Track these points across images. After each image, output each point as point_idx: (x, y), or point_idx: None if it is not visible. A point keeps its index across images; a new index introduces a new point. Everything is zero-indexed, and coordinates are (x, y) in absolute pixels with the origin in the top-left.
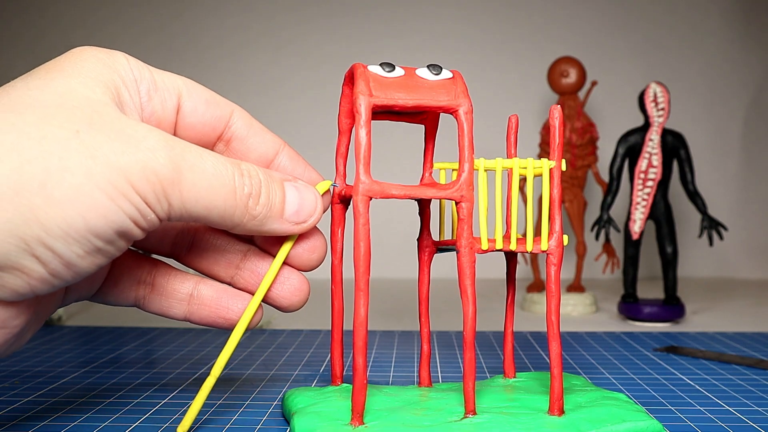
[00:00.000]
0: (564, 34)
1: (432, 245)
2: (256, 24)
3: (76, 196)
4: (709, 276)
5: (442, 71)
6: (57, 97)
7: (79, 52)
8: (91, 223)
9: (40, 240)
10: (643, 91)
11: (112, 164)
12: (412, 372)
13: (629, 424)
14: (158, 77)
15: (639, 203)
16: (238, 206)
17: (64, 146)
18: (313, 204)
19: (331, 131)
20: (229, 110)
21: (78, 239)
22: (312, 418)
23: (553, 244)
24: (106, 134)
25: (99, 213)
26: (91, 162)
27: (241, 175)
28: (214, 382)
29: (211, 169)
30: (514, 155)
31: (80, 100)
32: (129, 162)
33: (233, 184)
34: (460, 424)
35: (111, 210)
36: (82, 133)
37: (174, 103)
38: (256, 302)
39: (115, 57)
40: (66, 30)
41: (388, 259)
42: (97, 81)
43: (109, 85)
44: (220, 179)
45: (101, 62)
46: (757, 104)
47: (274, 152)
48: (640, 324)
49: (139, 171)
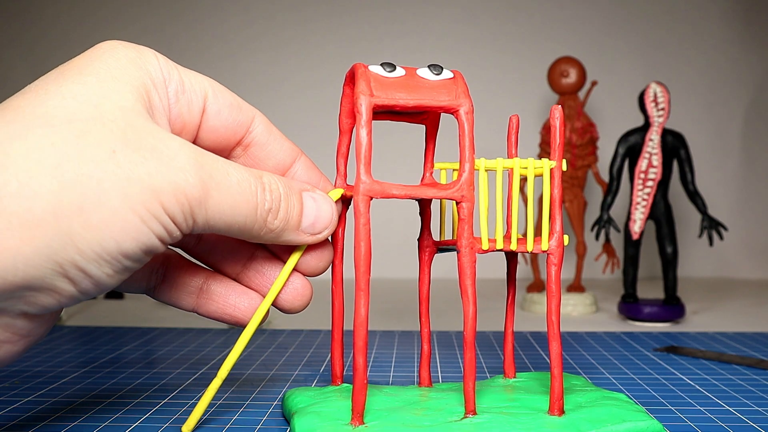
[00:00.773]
0: (564, 34)
1: (432, 245)
2: (256, 24)
3: (112, 220)
4: (709, 276)
5: (443, 71)
6: (93, 109)
7: (110, 48)
8: (124, 246)
9: (75, 263)
10: (643, 91)
11: (145, 185)
12: (412, 372)
13: (629, 424)
14: (186, 78)
15: (639, 203)
16: (258, 221)
17: (102, 168)
18: (329, 216)
19: (331, 131)
20: (251, 115)
21: (110, 261)
22: (312, 418)
23: (553, 244)
24: (140, 153)
25: (131, 235)
26: (127, 184)
27: (263, 189)
28: (221, 383)
29: (236, 186)
30: (514, 155)
31: (115, 112)
32: (161, 182)
33: (255, 201)
34: (460, 424)
35: (143, 232)
36: (118, 152)
37: (200, 105)
38: (264, 307)
39: (145, 56)
40: (66, 30)
41: (388, 259)
42: (130, 86)
43: (141, 89)
44: (244, 196)
45: (133, 63)
46: (757, 104)
47: (291, 160)
48: (640, 324)
49: (171, 192)
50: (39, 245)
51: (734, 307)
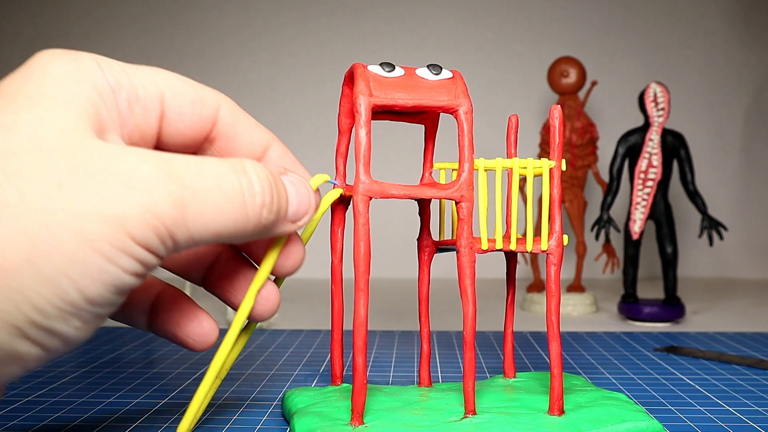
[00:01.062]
0: (564, 34)
1: (432, 245)
2: (255, 23)
3: (69, 266)
4: (709, 276)
5: (442, 71)
6: (29, 140)
7: (41, 65)
8: (89, 292)
9: (34, 323)
10: (643, 91)
11: (105, 217)
12: (412, 372)
13: (629, 424)
14: (138, 82)
15: (639, 203)
16: (251, 220)
17: (48, 207)
18: (308, 200)
19: (331, 131)
20: (215, 107)
21: (76, 313)
22: (312, 418)
23: (553, 244)
24: (92, 179)
25: (96, 279)
26: (81, 220)
27: (250, 183)
28: (211, 383)
29: (217, 189)
30: (514, 155)
31: (56, 138)
32: (123, 209)
33: (243, 199)
34: (460, 424)
35: (109, 272)
36: (65, 185)
37: (157, 111)
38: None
39: (85, 66)
40: (65, 29)
41: (388, 259)
42: (70, 104)
43: (84, 105)
44: (228, 197)
45: (70, 77)
46: (757, 104)
47: (262, 149)
48: (640, 324)
49: (138, 217)
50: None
51: (734, 307)
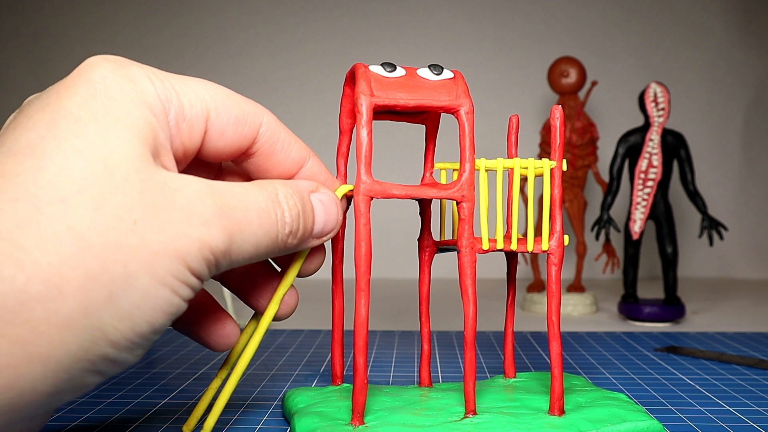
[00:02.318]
0: (564, 35)
1: (432, 245)
2: (256, 24)
3: (143, 301)
4: (709, 276)
5: (443, 71)
6: (102, 168)
7: (100, 79)
8: (157, 324)
9: (107, 357)
10: (643, 91)
11: (170, 252)
12: (412, 372)
13: (629, 424)
14: (185, 99)
15: (639, 203)
16: (278, 246)
17: (125, 245)
18: (335, 218)
19: (332, 131)
20: (257, 125)
21: (142, 343)
22: (312, 418)
23: (553, 244)
24: (160, 215)
25: (163, 311)
26: (152, 257)
27: (282, 213)
28: (220, 383)
29: (257, 221)
30: (514, 155)
31: (126, 168)
32: (185, 244)
33: (276, 229)
34: (461, 424)
35: (173, 303)
36: (139, 222)
37: (201, 129)
38: (269, 316)
39: (141, 84)
40: (65, 29)
41: (388, 259)
42: (133, 129)
43: (145, 129)
44: (265, 229)
45: (129, 97)
46: (757, 104)
47: (298, 167)
48: (640, 324)
49: (196, 251)
50: (70, 347)
51: (734, 307)
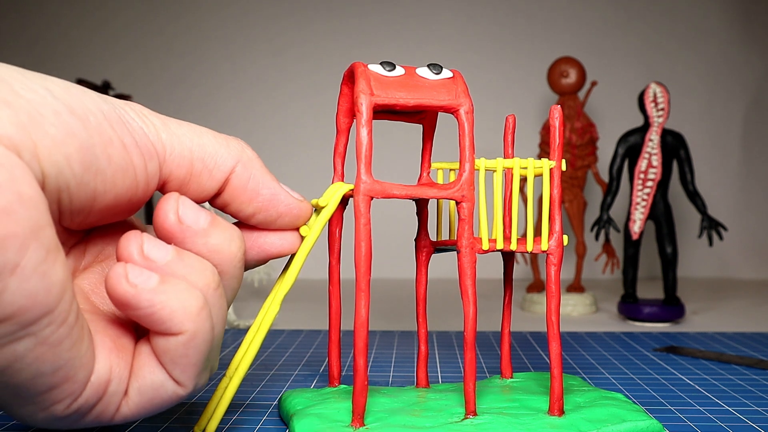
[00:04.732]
0: (564, 35)
1: (430, 245)
2: (256, 24)
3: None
4: (709, 276)
5: (443, 71)
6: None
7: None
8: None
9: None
10: (643, 91)
11: None
12: (411, 372)
13: (629, 424)
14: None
15: (639, 203)
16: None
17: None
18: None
19: (332, 131)
20: (226, 175)
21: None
22: (312, 420)
23: (553, 244)
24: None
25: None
26: None
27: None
28: (229, 382)
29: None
30: (511, 155)
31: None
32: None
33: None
34: (461, 425)
35: None
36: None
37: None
38: (269, 318)
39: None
40: (66, 30)
41: (385, 259)
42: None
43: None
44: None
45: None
46: (757, 104)
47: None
48: (640, 324)
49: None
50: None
51: (734, 307)
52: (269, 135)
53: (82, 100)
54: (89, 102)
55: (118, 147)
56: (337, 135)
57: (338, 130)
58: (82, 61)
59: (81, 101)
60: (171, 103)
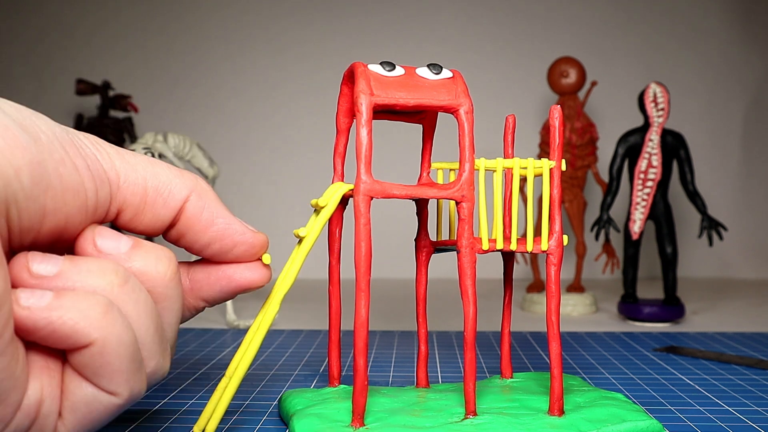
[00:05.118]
0: (564, 35)
1: (429, 245)
2: (256, 25)
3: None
4: (709, 276)
5: (443, 71)
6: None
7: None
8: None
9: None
10: (643, 91)
11: None
12: (411, 372)
13: (629, 424)
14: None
15: (639, 203)
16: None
17: None
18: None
19: (332, 131)
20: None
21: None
22: (312, 419)
23: (553, 244)
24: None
25: None
26: None
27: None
28: (228, 382)
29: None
30: (510, 155)
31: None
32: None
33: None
34: (462, 425)
35: None
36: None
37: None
38: (269, 319)
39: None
40: (66, 31)
41: (385, 259)
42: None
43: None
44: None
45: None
46: (757, 104)
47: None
48: (639, 324)
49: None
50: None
51: (734, 307)
52: (269, 135)
53: (33, 120)
54: (41, 123)
55: (69, 167)
56: (337, 135)
57: (338, 130)
58: (82, 61)
59: (32, 121)
60: (171, 103)
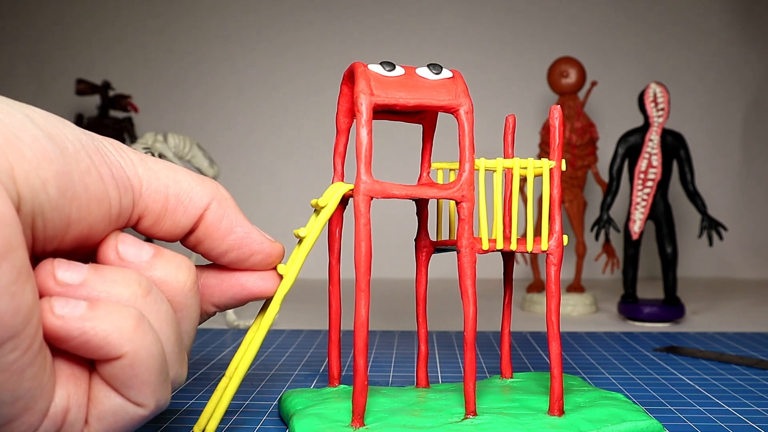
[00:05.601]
0: (564, 35)
1: (429, 245)
2: (256, 24)
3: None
4: (709, 276)
5: (443, 71)
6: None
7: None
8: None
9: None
10: (643, 91)
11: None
12: (411, 372)
13: (629, 424)
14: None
15: (639, 203)
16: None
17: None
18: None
19: (332, 131)
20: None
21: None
22: (312, 419)
23: (553, 244)
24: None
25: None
26: None
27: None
28: (228, 382)
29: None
30: (510, 155)
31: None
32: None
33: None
34: (462, 425)
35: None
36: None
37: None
38: (269, 319)
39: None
40: (66, 31)
41: (385, 259)
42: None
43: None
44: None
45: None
46: (757, 104)
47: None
48: (639, 324)
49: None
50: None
51: (734, 307)
52: (269, 135)
53: (60, 129)
54: (68, 131)
55: (95, 176)
56: (337, 135)
57: (338, 130)
58: (82, 61)
59: (60, 129)
60: (171, 103)
